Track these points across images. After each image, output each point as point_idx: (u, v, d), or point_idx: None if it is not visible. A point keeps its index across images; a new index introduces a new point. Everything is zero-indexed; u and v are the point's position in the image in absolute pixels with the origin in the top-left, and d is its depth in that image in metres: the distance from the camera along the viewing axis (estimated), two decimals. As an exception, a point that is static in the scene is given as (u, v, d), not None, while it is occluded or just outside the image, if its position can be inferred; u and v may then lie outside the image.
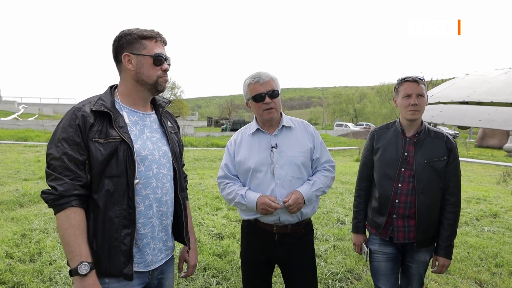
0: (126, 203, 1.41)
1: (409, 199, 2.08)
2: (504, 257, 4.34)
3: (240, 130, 2.19)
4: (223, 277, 3.50)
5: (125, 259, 1.41)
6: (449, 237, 2.11)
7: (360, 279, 3.64)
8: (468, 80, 3.45)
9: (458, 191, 2.12)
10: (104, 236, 1.40)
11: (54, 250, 3.81)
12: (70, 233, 1.33)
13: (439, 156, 2.07)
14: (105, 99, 1.48)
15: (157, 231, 1.55)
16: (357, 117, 62.23)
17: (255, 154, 2.00)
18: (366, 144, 2.33)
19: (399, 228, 2.12)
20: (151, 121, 1.62)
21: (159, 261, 1.59)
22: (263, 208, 1.87)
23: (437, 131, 2.15)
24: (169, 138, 1.63)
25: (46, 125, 23.05)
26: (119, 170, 1.40)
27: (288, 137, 2.03)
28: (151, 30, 1.52)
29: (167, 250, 1.64)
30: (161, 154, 1.57)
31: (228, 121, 41.52)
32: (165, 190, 1.57)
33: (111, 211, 1.39)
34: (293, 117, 2.17)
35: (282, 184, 1.94)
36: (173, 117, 1.80)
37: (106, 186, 1.39)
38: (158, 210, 1.55)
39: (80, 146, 1.37)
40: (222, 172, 2.10)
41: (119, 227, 1.40)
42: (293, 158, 1.97)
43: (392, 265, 2.18)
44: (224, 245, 4.32)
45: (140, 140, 1.51)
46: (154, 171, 1.53)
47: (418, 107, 2.05)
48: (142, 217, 1.49)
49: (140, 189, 1.48)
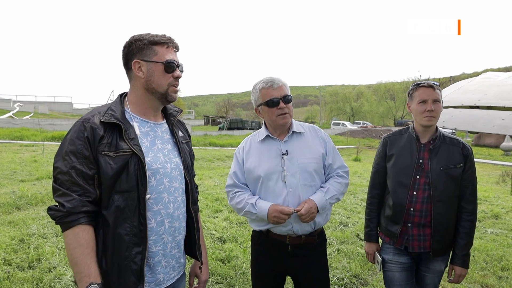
0: (137, 220, 1.34)
1: (424, 207, 2.02)
2: (509, 260, 4.30)
3: (248, 137, 2.12)
4: (227, 284, 3.43)
5: (135, 279, 1.34)
6: (466, 246, 2.05)
7: (366, 284, 3.59)
8: (475, 83, 3.39)
9: (475, 199, 2.07)
10: (114, 254, 1.32)
11: (53, 256, 3.72)
12: (78, 252, 1.26)
13: (455, 163, 2.02)
14: (114, 109, 1.40)
15: (169, 248, 1.48)
16: (354, 116, 62.24)
17: (265, 162, 1.94)
18: (379, 150, 2.26)
19: (414, 237, 2.06)
20: (162, 131, 1.54)
21: (171, 279, 1.52)
22: (275, 216, 1.79)
23: (453, 137, 2.09)
24: (180, 149, 1.56)
25: (42, 123, 22.88)
26: (130, 184, 1.33)
27: (299, 143, 1.96)
28: (162, 35, 1.44)
29: (180, 267, 1.57)
30: (172, 167, 1.50)
31: (225, 119, 41.41)
32: (177, 205, 1.50)
33: (121, 228, 1.32)
34: (302, 122, 2.11)
35: (294, 193, 1.88)
36: (184, 126, 1.73)
37: (116, 201, 1.32)
38: (171, 226, 1.47)
39: (89, 159, 1.30)
40: (231, 180, 2.03)
41: (130, 245, 1.33)
42: (305, 165, 1.91)
43: (407, 275, 2.12)
44: (227, 249, 4.26)
45: (152, 152, 1.44)
46: (166, 185, 1.46)
47: (434, 113, 2.00)
48: (154, 234, 1.42)
49: (151, 205, 1.40)
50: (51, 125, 24.36)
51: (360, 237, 4.94)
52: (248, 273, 3.64)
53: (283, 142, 1.96)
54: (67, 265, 3.51)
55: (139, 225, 1.34)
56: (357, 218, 5.92)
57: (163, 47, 1.43)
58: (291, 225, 1.87)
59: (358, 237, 4.94)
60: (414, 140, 2.10)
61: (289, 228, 1.88)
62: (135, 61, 1.41)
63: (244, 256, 4.06)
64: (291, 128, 1.98)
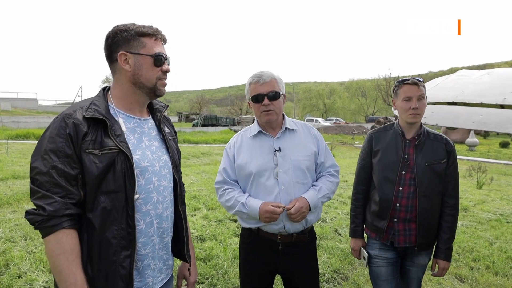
0: (125, 222, 1.26)
1: (410, 202, 2.05)
2: (480, 251, 4.49)
3: (239, 132, 2.06)
4: (209, 283, 3.37)
5: (124, 284, 1.26)
6: (449, 240, 2.10)
7: (347, 279, 3.63)
8: (451, 80, 3.48)
9: (457, 194, 2.12)
10: (101, 260, 1.24)
11: (23, 261, 3.51)
12: (62, 259, 1.16)
13: (439, 158, 2.05)
14: (98, 104, 1.31)
15: (157, 250, 1.41)
16: (327, 112, 63.36)
17: (257, 158, 1.89)
18: (364, 146, 2.27)
19: (400, 232, 2.08)
20: (149, 127, 1.46)
21: (159, 282, 1.45)
22: (268, 217, 1.76)
23: (436, 133, 2.13)
24: (168, 146, 1.49)
25: (5, 121, 21.76)
26: (117, 184, 1.24)
27: (291, 140, 1.93)
28: (149, 27, 1.35)
29: (167, 269, 1.50)
30: (161, 165, 1.42)
31: (199, 116, 40.91)
32: (166, 204, 1.43)
33: (108, 232, 1.23)
34: (294, 119, 2.08)
35: (286, 190, 1.84)
36: (170, 122, 1.65)
37: (102, 203, 1.23)
38: (159, 227, 1.40)
39: (72, 158, 1.20)
40: (221, 177, 1.97)
41: (118, 249, 1.25)
42: (298, 162, 1.88)
43: (393, 270, 2.15)
44: (206, 248, 4.18)
45: (139, 149, 1.36)
46: (155, 184, 1.38)
47: (419, 110, 2.02)
48: (143, 236, 1.34)
49: (140, 205, 1.33)
50: (15, 122, 23.25)
51: (339, 232, 5.01)
52: (230, 272, 3.59)
53: (276, 139, 1.92)
54: (38, 270, 3.33)
55: (127, 228, 1.26)
56: (334, 213, 6.00)
57: (151, 39, 1.35)
58: (282, 223, 1.84)
59: (337, 232, 5.00)
60: (400, 136, 2.12)
61: (281, 226, 1.84)
62: (121, 53, 1.31)
63: (225, 255, 4.01)
64: (284, 124, 1.95)
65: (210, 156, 14.06)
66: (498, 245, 4.71)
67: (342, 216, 5.82)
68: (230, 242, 4.44)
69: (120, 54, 1.31)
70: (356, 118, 62.33)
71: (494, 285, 3.58)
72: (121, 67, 1.33)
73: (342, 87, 74.98)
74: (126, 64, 1.32)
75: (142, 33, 1.32)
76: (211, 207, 6.08)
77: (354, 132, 31.20)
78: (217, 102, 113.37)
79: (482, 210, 6.68)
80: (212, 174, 9.43)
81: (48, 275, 3.25)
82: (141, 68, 1.33)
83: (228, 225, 5.15)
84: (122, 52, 1.31)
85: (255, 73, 1.88)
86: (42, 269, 3.35)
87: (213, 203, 6.26)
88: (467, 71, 3.71)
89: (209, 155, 14.23)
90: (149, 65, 1.34)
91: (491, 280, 3.69)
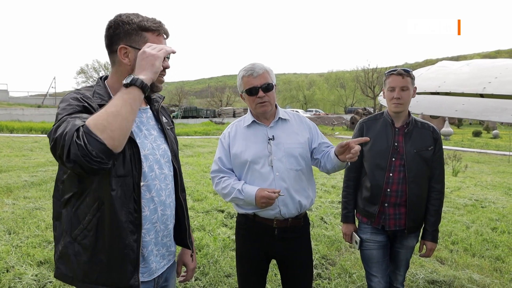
0: (132, 207, 1.28)
1: (400, 187, 2.14)
2: (458, 234, 4.72)
3: (233, 123, 2.10)
4: (201, 272, 3.41)
5: (132, 268, 1.29)
6: (435, 222, 2.22)
7: (334, 264, 3.75)
8: (433, 71, 3.61)
9: (443, 179, 2.23)
10: (115, 242, 1.25)
11: (9, 255, 3.44)
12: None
13: (427, 146, 2.15)
14: (101, 93, 1.31)
15: (161, 237, 1.44)
16: (307, 104, 63.86)
17: (251, 146, 1.94)
18: (355, 134, 2.34)
19: (391, 216, 2.18)
20: (148, 117, 1.47)
21: (162, 268, 1.48)
22: (264, 202, 1.80)
23: (423, 122, 2.23)
24: (167, 135, 1.50)
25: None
26: (126, 169, 1.26)
27: (284, 129, 1.99)
28: (153, 20, 1.33)
29: (170, 255, 1.53)
30: (161, 153, 1.44)
31: (179, 108, 40.37)
32: (168, 192, 1.46)
33: (120, 215, 1.25)
34: (286, 109, 2.13)
35: (281, 176, 1.90)
36: (167, 112, 1.66)
37: (114, 186, 1.24)
38: (163, 214, 1.43)
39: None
40: (216, 166, 2.01)
41: (128, 233, 1.27)
42: (291, 150, 1.93)
43: (383, 253, 2.25)
44: (196, 238, 4.21)
45: (139, 138, 1.36)
46: (157, 171, 1.40)
47: (402, 100, 2.11)
48: (147, 223, 1.36)
49: (144, 192, 1.34)
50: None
51: (324, 220, 5.13)
52: (221, 260, 3.64)
53: (269, 128, 1.97)
54: (26, 264, 3.27)
55: (134, 212, 1.28)
56: (319, 202, 6.13)
57: (154, 34, 1.33)
58: (278, 209, 1.90)
59: (322, 220, 5.13)
60: (389, 125, 2.20)
61: (277, 211, 1.90)
62: (121, 47, 1.30)
63: (215, 244, 4.05)
64: (277, 114, 2.00)
65: (192, 148, 13.98)
66: (475, 229, 4.96)
67: (327, 205, 5.96)
68: (219, 232, 4.49)
69: (120, 47, 1.30)
70: (336, 109, 63.15)
71: (472, 266, 3.79)
72: (120, 60, 1.32)
73: (322, 78, 75.65)
74: (126, 58, 1.31)
75: (144, 28, 1.30)
76: (197, 199, 6.10)
77: (334, 123, 31.69)
78: (196, 93, 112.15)
79: (458, 196, 6.99)
80: (196, 166, 9.40)
81: (37, 269, 3.20)
82: None
83: (216, 216, 5.18)
84: (122, 46, 1.29)
85: (247, 66, 1.91)
86: (30, 263, 3.30)
87: (199, 195, 6.28)
88: (447, 62, 3.85)
89: (192, 147, 14.15)
90: None
91: (469, 261, 3.90)
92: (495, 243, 4.45)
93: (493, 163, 12.18)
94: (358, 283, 3.29)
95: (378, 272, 2.23)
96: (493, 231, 4.93)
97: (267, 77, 1.89)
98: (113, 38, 1.31)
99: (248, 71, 1.89)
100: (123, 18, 1.31)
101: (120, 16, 1.32)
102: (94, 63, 45.79)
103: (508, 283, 3.41)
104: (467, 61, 3.70)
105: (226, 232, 4.52)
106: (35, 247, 3.70)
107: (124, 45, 1.29)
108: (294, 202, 1.92)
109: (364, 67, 49.78)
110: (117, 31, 1.30)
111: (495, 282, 3.40)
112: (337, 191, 6.96)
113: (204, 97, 75.43)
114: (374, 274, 2.24)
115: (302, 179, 1.97)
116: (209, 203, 5.80)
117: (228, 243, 4.10)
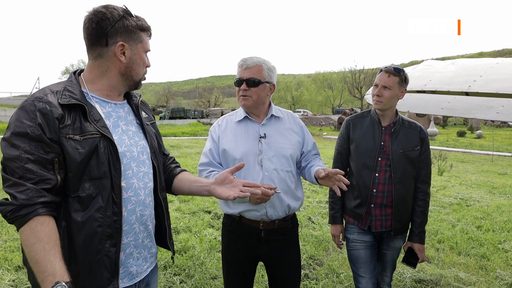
0: (111, 209, 1.21)
1: (386, 188, 2.11)
2: (444, 233, 4.75)
3: (224, 116, 2.03)
4: (186, 275, 3.33)
5: (109, 274, 1.21)
6: (422, 223, 2.19)
7: (322, 264, 3.72)
8: (419, 70, 3.62)
9: (429, 179, 2.21)
10: (84, 249, 1.18)
11: (-15, 260, 3.30)
12: (38, 248, 1.08)
13: (413, 146, 2.13)
14: (71, 89, 1.23)
15: (141, 238, 1.36)
16: (295, 104, 64.09)
17: (241, 144, 1.87)
18: (342, 132, 2.30)
19: (377, 217, 2.14)
20: (125, 111, 1.40)
21: (144, 271, 1.41)
22: (259, 198, 1.64)
23: (411, 121, 2.20)
24: (146, 131, 1.44)
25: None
26: (101, 171, 1.19)
27: (277, 128, 1.93)
28: (143, 19, 1.34)
29: (152, 257, 1.46)
30: (139, 150, 1.37)
31: (167, 109, 40.02)
32: (148, 191, 1.39)
33: (93, 220, 1.18)
34: (280, 108, 2.07)
35: (270, 177, 1.83)
36: (147, 107, 1.59)
37: (87, 190, 1.17)
38: (142, 214, 1.35)
39: (44, 142, 1.12)
40: (206, 158, 1.92)
41: (103, 237, 1.19)
42: (282, 150, 1.87)
43: (371, 253, 2.21)
44: (182, 240, 4.13)
45: (116, 134, 1.30)
46: (134, 169, 1.33)
47: (381, 98, 2.08)
48: (125, 224, 1.29)
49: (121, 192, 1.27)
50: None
51: (312, 220, 5.10)
52: (207, 262, 3.57)
53: (261, 125, 1.91)
54: (2, 269, 3.14)
55: (113, 215, 1.21)
56: (307, 202, 6.11)
57: (146, 34, 1.35)
58: (265, 210, 1.83)
59: (310, 220, 5.10)
60: (376, 123, 2.17)
61: (263, 212, 1.84)
62: (120, 43, 1.26)
63: (201, 246, 3.98)
64: (270, 111, 1.94)
65: (179, 149, 13.83)
66: (460, 227, 5.00)
67: (315, 205, 5.94)
68: (205, 234, 4.41)
69: (119, 44, 1.26)
70: (323, 110, 63.52)
71: (458, 264, 3.80)
72: (112, 56, 1.27)
73: (309, 79, 76.12)
74: (122, 56, 1.28)
75: (142, 28, 1.32)
76: (184, 200, 6.00)
77: (322, 123, 31.82)
78: (184, 94, 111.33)
79: (444, 195, 7.06)
80: (183, 167, 9.20)
81: (14, 274, 3.08)
82: (134, 63, 1.32)
83: (202, 217, 5.11)
84: (121, 43, 1.26)
85: (244, 57, 1.86)
86: (7, 268, 3.18)
87: (185, 196, 6.18)
88: (433, 61, 3.87)
89: (179, 148, 14.00)
90: (141, 61, 1.34)
91: (455, 259, 3.92)
92: (480, 241, 4.49)
93: (477, 163, 12.37)
94: (346, 283, 3.26)
95: (365, 273, 2.19)
96: (478, 229, 4.98)
97: (257, 72, 1.83)
98: (110, 30, 1.24)
99: (240, 62, 1.85)
100: (120, 12, 1.26)
101: (115, 8, 1.26)
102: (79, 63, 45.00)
103: (494, 280, 3.44)
104: (452, 60, 3.72)
105: (212, 233, 4.45)
106: (13, 251, 3.57)
107: (123, 42, 1.27)
108: (282, 204, 1.86)
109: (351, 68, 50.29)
110: (116, 25, 1.25)
111: (481, 280, 3.42)
112: (325, 191, 6.94)
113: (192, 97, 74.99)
114: (362, 275, 2.19)
115: (292, 181, 1.91)
116: (196, 204, 5.72)
117: (215, 245, 4.03)
